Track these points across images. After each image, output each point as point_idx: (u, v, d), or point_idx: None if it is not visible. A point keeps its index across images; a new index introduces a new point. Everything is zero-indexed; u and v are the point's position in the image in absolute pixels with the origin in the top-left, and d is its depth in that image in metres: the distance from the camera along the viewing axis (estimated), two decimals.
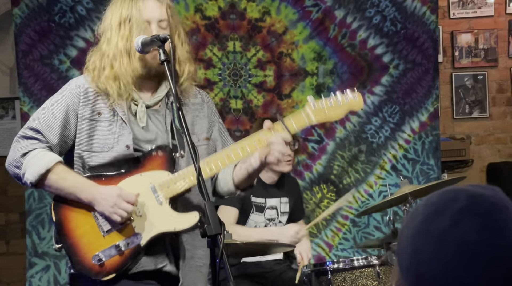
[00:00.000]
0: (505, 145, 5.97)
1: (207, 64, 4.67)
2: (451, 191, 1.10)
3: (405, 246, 1.09)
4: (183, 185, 2.42)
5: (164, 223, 2.43)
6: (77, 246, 2.46)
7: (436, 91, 4.78)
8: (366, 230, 4.71)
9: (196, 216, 2.41)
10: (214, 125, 2.65)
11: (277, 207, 3.84)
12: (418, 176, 4.75)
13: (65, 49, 4.51)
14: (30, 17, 4.48)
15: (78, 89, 2.49)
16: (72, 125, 2.47)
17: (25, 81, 4.48)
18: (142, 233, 2.43)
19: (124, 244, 2.42)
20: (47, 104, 2.51)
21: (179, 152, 2.49)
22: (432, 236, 1.06)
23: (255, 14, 4.69)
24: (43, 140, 2.46)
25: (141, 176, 2.46)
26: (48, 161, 2.41)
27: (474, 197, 1.08)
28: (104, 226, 2.44)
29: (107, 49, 2.46)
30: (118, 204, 2.36)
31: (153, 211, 2.43)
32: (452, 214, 1.05)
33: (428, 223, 1.07)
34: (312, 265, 3.60)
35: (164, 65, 2.25)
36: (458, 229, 1.04)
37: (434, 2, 4.77)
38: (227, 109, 4.66)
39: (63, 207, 2.47)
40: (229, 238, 3.18)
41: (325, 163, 4.73)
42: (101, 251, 2.42)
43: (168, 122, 2.52)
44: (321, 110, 2.46)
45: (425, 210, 1.10)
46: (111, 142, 2.45)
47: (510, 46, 5.91)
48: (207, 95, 2.73)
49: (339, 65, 4.74)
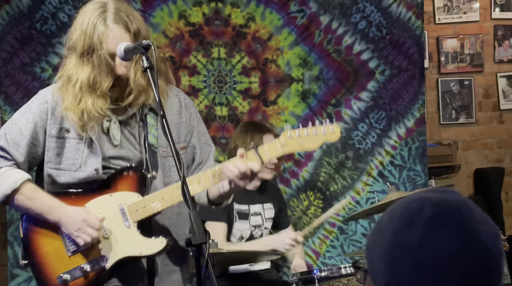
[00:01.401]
0: (492, 151, 5.97)
1: (191, 71, 4.62)
2: (414, 201, 1.09)
3: (378, 264, 1.08)
4: (152, 209, 2.40)
5: (131, 247, 2.40)
6: (42, 265, 2.44)
7: (422, 96, 4.76)
8: (354, 238, 4.67)
9: (163, 243, 2.39)
10: (193, 131, 2.61)
11: (261, 213, 3.80)
12: (405, 182, 4.72)
13: (47, 57, 4.45)
14: (11, 24, 4.42)
15: (46, 105, 2.45)
16: (41, 141, 2.45)
17: (6, 90, 4.41)
18: (108, 256, 2.40)
19: (89, 267, 2.41)
20: (15, 118, 2.47)
21: (151, 173, 2.44)
22: (407, 249, 1.05)
23: (239, 20, 4.65)
24: (9, 158, 2.44)
25: (111, 197, 2.43)
26: (13, 181, 2.39)
27: (439, 205, 1.07)
28: (70, 246, 2.43)
29: (72, 75, 2.39)
30: (82, 229, 2.35)
31: (120, 234, 2.41)
32: (422, 225, 1.05)
33: (400, 237, 1.06)
34: (299, 273, 3.56)
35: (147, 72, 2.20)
36: (432, 240, 1.03)
37: (419, 7, 4.75)
38: (212, 116, 4.61)
39: (31, 225, 2.46)
40: (214, 247, 3.13)
41: (312, 170, 4.69)
42: (66, 272, 2.41)
43: (141, 137, 2.48)
44: (297, 140, 2.42)
45: (392, 224, 1.08)
46: (78, 161, 2.42)
47: (496, 51, 5.91)
48: (186, 96, 2.67)
49: (325, 71, 4.71)
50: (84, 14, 2.39)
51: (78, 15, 2.42)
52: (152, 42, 2.23)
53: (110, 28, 2.32)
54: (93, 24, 2.34)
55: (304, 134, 2.42)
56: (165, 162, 2.49)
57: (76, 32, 2.39)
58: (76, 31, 2.38)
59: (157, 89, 2.14)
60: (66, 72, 2.41)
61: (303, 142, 2.43)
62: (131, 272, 2.46)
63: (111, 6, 2.38)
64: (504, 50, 5.91)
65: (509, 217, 5.85)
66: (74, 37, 2.38)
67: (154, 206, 2.39)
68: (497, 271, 1.04)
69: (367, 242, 1.14)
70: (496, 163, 5.95)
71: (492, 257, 1.04)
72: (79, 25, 2.38)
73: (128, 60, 2.32)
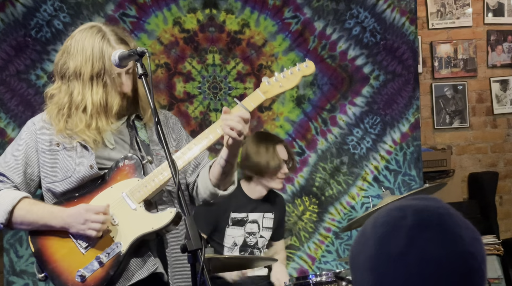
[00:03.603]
0: (486, 155, 5.99)
1: (186, 77, 4.63)
2: (396, 209, 1.11)
3: (363, 272, 1.09)
4: (153, 186, 2.42)
5: (141, 225, 2.42)
6: (59, 269, 2.45)
7: (416, 101, 4.78)
8: (349, 242, 4.68)
9: (172, 212, 2.40)
10: (182, 139, 2.65)
11: (258, 221, 3.80)
12: (400, 187, 4.74)
13: (42, 64, 4.45)
14: (6, 32, 4.43)
15: (34, 126, 2.52)
16: (34, 162, 2.50)
17: (2, 97, 4.42)
18: (121, 241, 2.42)
19: (104, 255, 2.42)
20: (8, 150, 2.56)
21: (146, 158, 2.49)
22: (391, 257, 1.06)
23: (234, 27, 4.67)
24: (7, 181, 2.49)
25: (112, 188, 2.47)
26: (12, 199, 2.44)
27: (421, 211, 1.09)
28: (82, 243, 2.44)
29: (78, 100, 2.45)
30: (88, 219, 2.37)
31: (128, 217, 2.43)
32: (405, 232, 1.06)
33: (384, 245, 1.07)
34: (295, 279, 3.57)
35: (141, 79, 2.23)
36: (416, 247, 1.05)
37: (413, 12, 4.78)
38: (207, 123, 4.62)
39: (40, 237, 2.48)
40: (210, 252, 3.14)
41: (307, 175, 4.71)
42: (83, 268, 2.42)
43: (133, 138, 2.54)
44: (276, 84, 2.52)
45: (376, 232, 1.09)
46: (72, 166, 2.46)
47: (489, 56, 5.94)
48: (169, 113, 2.76)
49: (319, 77, 4.73)
50: (82, 40, 2.45)
51: (73, 42, 2.47)
52: (146, 49, 2.27)
53: (116, 49, 2.39)
54: (99, 48, 2.43)
55: (281, 77, 2.52)
56: (160, 163, 2.50)
57: (76, 58, 2.45)
58: (77, 57, 2.44)
59: (152, 95, 2.17)
60: (68, 99, 2.46)
61: (282, 84, 2.52)
62: (146, 260, 2.45)
63: (107, 29, 2.48)
64: (497, 55, 5.94)
65: (503, 221, 5.86)
66: (75, 63, 2.44)
67: (155, 182, 2.42)
68: (480, 275, 1.06)
69: (351, 253, 1.15)
70: (490, 168, 5.97)
71: (475, 261, 1.06)
72: (79, 51, 2.44)
73: (123, 67, 2.36)
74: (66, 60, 2.47)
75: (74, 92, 2.45)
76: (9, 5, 4.42)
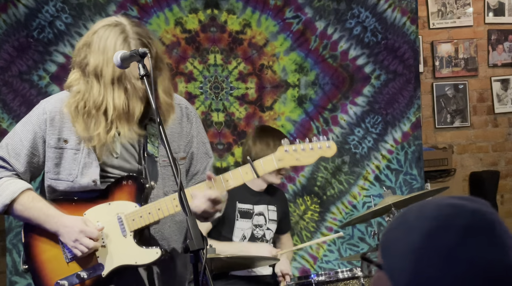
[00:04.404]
0: (487, 154, 6.00)
1: (188, 78, 4.64)
2: (448, 205, 1.10)
3: (402, 262, 1.08)
4: (148, 218, 2.41)
5: (126, 256, 2.42)
6: (41, 271, 2.48)
7: (417, 101, 4.79)
8: (351, 242, 4.70)
9: (158, 253, 2.41)
10: (193, 141, 2.61)
11: (264, 214, 3.81)
12: (402, 186, 4.75)
13: (44, 65, 4.46)
14: (8, 33, 4.44)
15: (45, 115, 2.45)
16: (41, 151, 2.46)
17: (4, 98, 4.43)
18: (104, 264, 2.43)
19: (86, 274, 2.43)
20: (17, 129, 2.49)
21: (149, 183, 2.45)
22: (440, 253, 1.05)
23: (235, 27, 4.68)
24: (9, 168, 2.46)
25: (109, 206, 2.45)
26: (13, 191, 2.42)
27: (476, 213, 1.08)
28: (68, 254, 2.46)
29: (99, 101, 2.34)
30: (79, 240, 2.38)
31: (117, 243, 2.43)
32: (458, 230, 1.05)
33: (434, 238, 1.06)
34: (297, 278, 3.58)
35: (143, 79, 2.21)
36: (466, 248, 1.04)
37: (413, 12, 4.79)
38: (209, 123, 4.63)
39: (32, 232, 2.49)
40: (212, 252, 3.15)
41: (309, 174, 4.72)
42: (63, 278, 2.44)
43: (141, 148, 2.49)
44: (293, 155, 2.44)
45: (423, 224, 1.08)
46: (75, 172, 2.43)
47: (490, 55, 5.95)
48: (188, 105, 2.66)
49: (320, 77, 4.74)
50: (105, 39, 2.34)
51: (95, 38, 2.36)
52: (148, 50, 2.23)
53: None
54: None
55: (300, 149, 2.44)
56: (165, 171, 2.49)
57: (98, 56, 2.33)
58: (98, 55, 2.33)
59: (153, 96, 2.15)
60: (88, 96, 2.36)
61: (299, 157, 2.44)
62: (130, 280, 2.47)
63: (131, 31, 2.36)
64: (498, 54, 5.95)
65: (504, 220, 5.82)
66: (96, 62, 2.33)
67: (150, 216, 2.40)
68: None
69: (387, 236, 1.12)
70: (491, 167, 5.98)
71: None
72: (100, 49, 2.33)
73: (125, 67, 2.30)
74: (87, 54, 2.36)
75: (93, 90, 2.35)
76: (11, 6, 4.43)
